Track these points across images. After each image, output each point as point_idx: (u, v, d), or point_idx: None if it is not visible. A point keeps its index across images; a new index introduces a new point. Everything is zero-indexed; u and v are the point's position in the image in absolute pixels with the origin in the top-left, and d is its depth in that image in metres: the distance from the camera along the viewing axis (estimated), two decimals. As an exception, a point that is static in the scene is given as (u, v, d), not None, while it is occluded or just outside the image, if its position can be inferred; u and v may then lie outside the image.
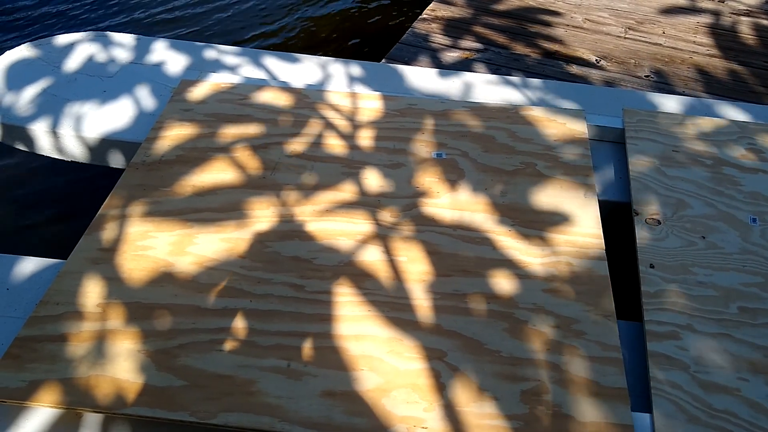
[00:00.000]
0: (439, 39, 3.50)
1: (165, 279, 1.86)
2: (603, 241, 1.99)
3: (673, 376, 1.68)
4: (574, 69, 3.28)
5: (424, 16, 3.71)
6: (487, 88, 2.67)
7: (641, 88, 3.16)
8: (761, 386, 1.67)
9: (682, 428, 1.58)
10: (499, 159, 2.25)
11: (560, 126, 2.38)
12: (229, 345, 1.70)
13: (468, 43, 3.47)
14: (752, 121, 2.48)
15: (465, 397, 1.60)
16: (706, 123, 2.43)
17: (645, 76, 3.25)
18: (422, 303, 1.81)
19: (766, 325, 1.80)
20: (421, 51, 3.39)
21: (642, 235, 2.02)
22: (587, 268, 1.91)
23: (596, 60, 3.36)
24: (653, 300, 1.85)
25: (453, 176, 2.19)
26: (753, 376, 1.69)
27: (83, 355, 1.68)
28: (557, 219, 2.05)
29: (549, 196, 2.12)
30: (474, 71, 3.25)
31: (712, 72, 3.30)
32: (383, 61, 3.29)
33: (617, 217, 2.23)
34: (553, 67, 3.29)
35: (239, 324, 1.75)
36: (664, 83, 3.20)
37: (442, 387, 1.62)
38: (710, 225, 2.06)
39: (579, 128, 2.37)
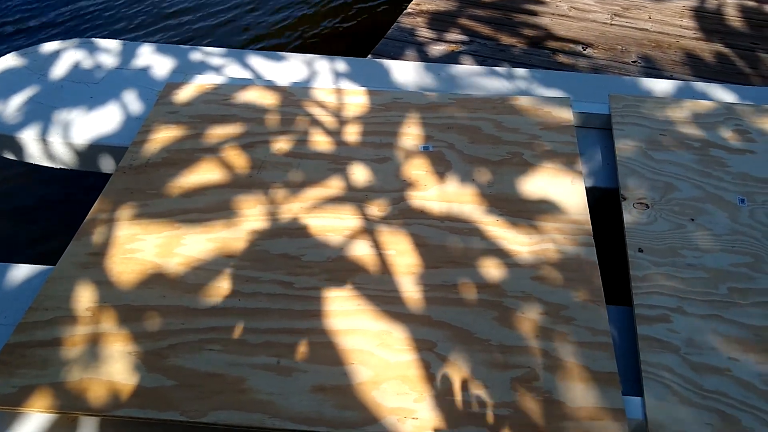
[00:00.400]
0: (424, 33, 3.50)
1: (154, 281, 1.86)
2: (591, 227, 1.98)
3: (663, 359, 1.68)
4: (561, 58, 3.28)
5: (409, 10, 3.71)
6: (474, 80, 2.68)
7: (629, 74, 3.16)
8: (752, 365, 1.67)
9: (673, 410, 1.58)
10: (485, 149, 2.25)
11: (546, 114, 2.38)
12: (218, 344, 1.70)
13: (453, 35, 3.47)
14: (739, 102, 2.48)
15: (455, 386, 1.61)
16: (692, 106, 2.43)
17: (632, 61, 3.25)
18: (411, 295, 1.81)
19: (756, 304, 1.80)
20: (406, 45, 3.39)
21: (630, 219, 2.02)
22: (575, 254, 1.91)
23: (583, 47, 3.36)
24: (642, 284, 1.85)
25: (440, 168, 2.19)
26: (743, 355, 1.69)
27: (74, 358, 1.68)
28: (545, 207, 2.05)
29: (536, 185, 2.12)
30: (460, 63, 3.25)
31: (699, 55, 3.30)
32: (369, 56, 3.29)
33: (606, 203, 2.23)
34: (539, 56, 3.29)
35: (228, 323, 1.75)
36: (651, 68, 3.20)
37: (432, 377, 1.63)
38: (699, 207, 2.06)
39: (565, 116, 2.36)
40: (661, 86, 2.63)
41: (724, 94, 2.59)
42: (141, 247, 1.96)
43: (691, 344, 1.71)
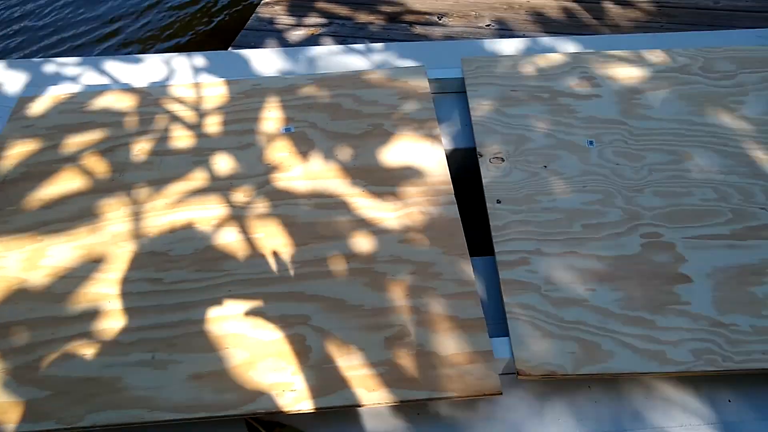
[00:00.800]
0: (283, 20, 3.52)
1: (19, 296, 1.83)
2: (452, 186, 2.06)
3: (525, 299, 1.77)
4: (418, 29, 3.36)
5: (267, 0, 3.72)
6: (333, 59, 2.71)
7: (484, 38, 3.26)
8: (607, 293, 1.78)
9: (536, 345, 1.67)
10: (347, 125, 2.30)
11: (403, 84, 2.44)
12: (91, 348, 1.69)
13: (313, 19, 3.50)
14: (584, 51, 2.60)
15: (331, 354, 1.65)
16: (541, 60, 2.53)
17: (486, 25, 3.36)
18: (283, 274, 1.84)
19: (608, 237, 1.92)
20: (267, 34, 3.40)
21: (487, 174, 2.10)
22: (439, 214, 1.98)
23: (438, 17, 3.45)
24: (502, 233, 1.93)
25: (304, 148, 2.22)
26: (599, 285, 1.80)
27: (-60, 386, 1.64)
28: (407, 173, 2.11)
29: (397, 153, 2.18)
30: (321, 45, 3.28)
31: (548, 13, 3.44)
32: (229, 49, 3.28)
33: (468, 163, 2.31)
34: (397, 30, 3.37)
35: (100, 326, 1.74)
36: (504, 29, 3.32)
37: (308, 350, 1.66)
38: (551, 154, 2.16)
39: (421, 84, 2.43)
40: (512, 45, 2.73)
41: (572, 46, 2.71)
42: (3, 264, 1.92)
43: (550, 281, 1.81)
